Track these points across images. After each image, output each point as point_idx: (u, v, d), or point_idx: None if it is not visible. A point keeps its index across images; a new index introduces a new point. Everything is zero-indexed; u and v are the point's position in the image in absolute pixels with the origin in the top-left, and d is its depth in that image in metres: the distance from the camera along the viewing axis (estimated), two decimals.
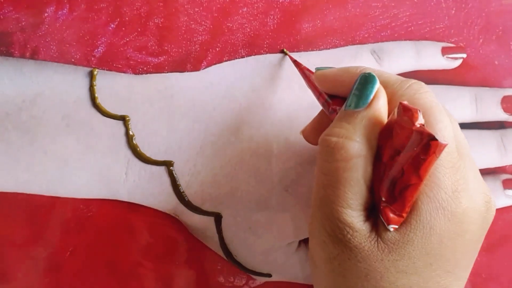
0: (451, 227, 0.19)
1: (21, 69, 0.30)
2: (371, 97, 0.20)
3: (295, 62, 0.30)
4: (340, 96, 0.24)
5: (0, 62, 0.30)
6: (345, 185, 0.20)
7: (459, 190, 0.19)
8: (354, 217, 0.20)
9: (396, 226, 0.19)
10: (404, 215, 0.19)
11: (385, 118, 0.21)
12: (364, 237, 0.19)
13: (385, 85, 0.21)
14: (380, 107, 0.20)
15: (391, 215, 0.19)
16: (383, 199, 0.19)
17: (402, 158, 0.19)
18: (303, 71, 0.28)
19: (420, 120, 0.18)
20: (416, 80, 0.22)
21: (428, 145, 0.18)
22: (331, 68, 0.25)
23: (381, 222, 0.20)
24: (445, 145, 0.18)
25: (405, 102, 0.19)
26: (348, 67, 0.24)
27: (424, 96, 0.21)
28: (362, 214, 0.20)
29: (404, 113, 0.19)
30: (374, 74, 0.21)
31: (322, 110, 0.27)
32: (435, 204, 0.19)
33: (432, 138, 0.17)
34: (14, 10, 0.30)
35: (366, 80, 0.21)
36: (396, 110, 0.19)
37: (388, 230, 0.19)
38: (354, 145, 0.20)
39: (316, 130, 0.26)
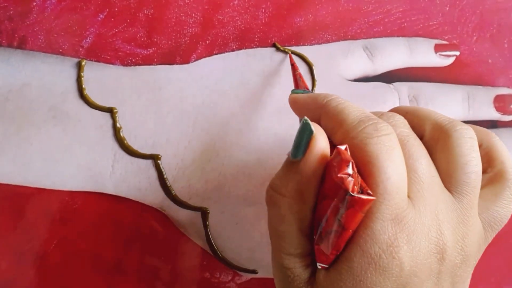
0: (384, 281, 0.18)
1: (8, 59, 0.29)
2: (306, 147, 0.19)
3: (293, 66, 0.29)
4: None
5: None
6: (281, 237, 0.20)
7: (396, 245, 0.18)
8: (295, 263, 0.20)
9: (325, 266, 0.19)
10: (331, 257, 0.19)
11: (324, 166, 0.20)
12: (303, 281, 0.20)
13: (340, 123, 0.20)
14: (314, 158, 0.19)
15: (320, 254, 0.19)
16: (315, 238, 0.19)
17: (326, 204, 0.18)
18: (295, 77, 0.28)
19: (347, 170, 0.17)
20: (376, 120, 0.20)
21: (345, 199, 0.17)
22: (304, 93, 0.24)
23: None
24: (370, 201, 0.17)
25: (342, 148, 0.18)
26: (317, 95, 0.23)
27: (375, 142, 0.19)
28: (303, 260, 0.20)
29: (336, 159, 0.18)
30: (309, 122, 0.19)
31: None
32: (367, 259, 0.18)
33: (348, 194, 0.17)
34: None
35: (303, 128, 0.19)
36: (334, 152, 0.19)
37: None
38: (285, 202, 0.20)
39: None
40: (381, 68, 0.32)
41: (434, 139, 0.21)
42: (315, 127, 0.19)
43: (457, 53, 0.33)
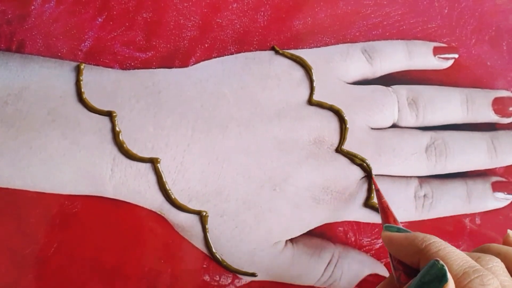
0: None
1: (6, 63, 0.30)
2: None
3: (378, 193, 0.29)
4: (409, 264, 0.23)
5: None
6: None
7: None
8: None
9: None
10: None
11: None
12: None
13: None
14: None
15: None
16: None
17: None
18: (382, 207, 0.28)
19: None
20: (481, 272, 0.20)
21: None
22: (400, 231, 0.24)
23: None
24: None
25: None
26: (414, 236, 0.23)
27: None
28: None
29: None
30: (446, 270, 0.19)
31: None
32: None
33: None
34: (0, 3, 0.30)
35: (436, 274, 0.20)
36: None
37: None
38: None
39: None
40: (380, 71, 0.32)
41: None
42: (449, 275, 0.19)
43: (456, 55, 0.33)
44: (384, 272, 0.31)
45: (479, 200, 0.32)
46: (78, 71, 0.30)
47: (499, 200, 0.32)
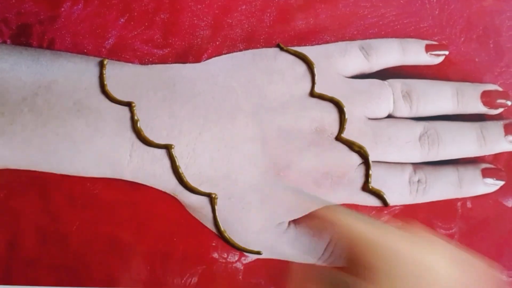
0: None
1: (38, 58, 0.32)
2: None
3: None
4: None
5: (19, 51, 0.32)
6: None
7: None
8: None
9: None
10: None
11: None
12: None
13: None
14: None
15: None
16: None
17: None
18: None
19: None
20: None
21: None
22: None
23: None
24: None
25: None
26: None
27: None
28: None
29: None
30: None
31: None
32: None
33: None
34: (34, 5, 0.32)
35: None
36: None
37: None
38: None
39: None
40: (376, 66, 0.33)
41: None
42: None
43: (446, 52, 0.34)
44: None
45: (470, 186, 0.32)
46: (101, 66, 0.32)
47: (488, 186, 0.33)
